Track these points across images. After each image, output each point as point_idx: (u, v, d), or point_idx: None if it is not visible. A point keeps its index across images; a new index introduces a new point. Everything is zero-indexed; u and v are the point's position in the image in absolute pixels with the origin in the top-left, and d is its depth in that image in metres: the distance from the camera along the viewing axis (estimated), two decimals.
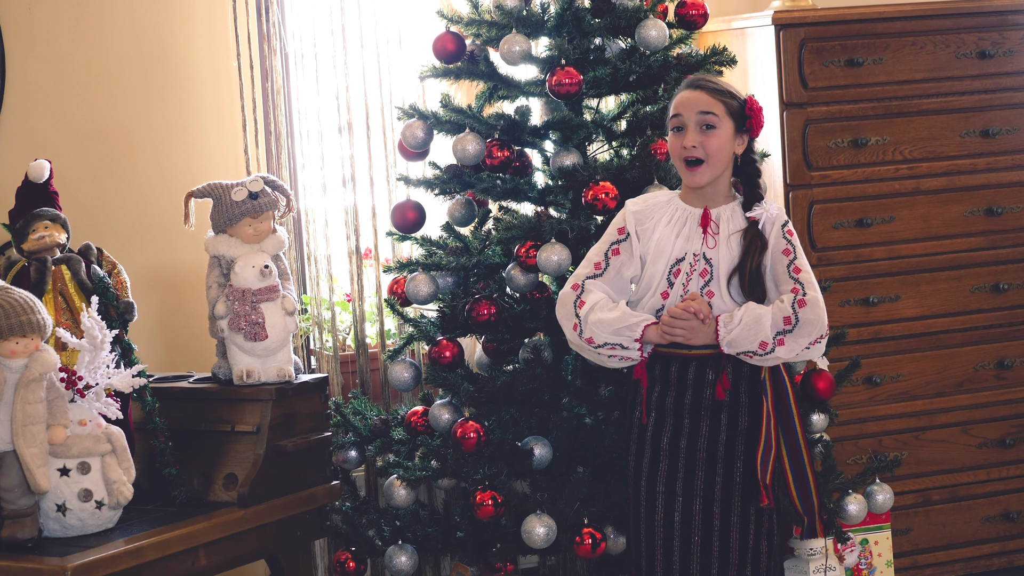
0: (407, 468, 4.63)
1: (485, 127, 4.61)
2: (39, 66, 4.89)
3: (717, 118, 4.07)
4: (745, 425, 4.10)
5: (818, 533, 4.24)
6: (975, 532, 5.48)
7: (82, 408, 4.02)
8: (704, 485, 4.09)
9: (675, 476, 4.10)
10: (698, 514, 4.10)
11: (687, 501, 4.10)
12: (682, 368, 4.11)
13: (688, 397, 4.10)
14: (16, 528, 3.92)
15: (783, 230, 4.11)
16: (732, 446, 4.11)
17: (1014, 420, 5.49)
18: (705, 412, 4.10)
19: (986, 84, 5.39)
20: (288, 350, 4.45)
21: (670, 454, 4.11)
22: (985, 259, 5.42)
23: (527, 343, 4.63)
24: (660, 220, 4.13)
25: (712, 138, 4.06)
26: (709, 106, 4.07)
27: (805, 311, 4.03)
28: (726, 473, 4.10)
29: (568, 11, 4.62)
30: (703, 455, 4.10)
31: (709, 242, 4.10)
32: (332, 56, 5.20)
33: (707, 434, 4.10)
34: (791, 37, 5.20)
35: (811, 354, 4.09)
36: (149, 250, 5.01)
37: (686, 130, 4.08)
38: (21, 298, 3.93)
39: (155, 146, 5.06)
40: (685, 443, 4.11)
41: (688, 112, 4.08)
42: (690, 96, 4.10)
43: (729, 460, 4.11)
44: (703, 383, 4.10)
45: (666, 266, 4.10)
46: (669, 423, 4.11)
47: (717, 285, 4.09)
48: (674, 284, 4.09)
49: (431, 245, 4.81)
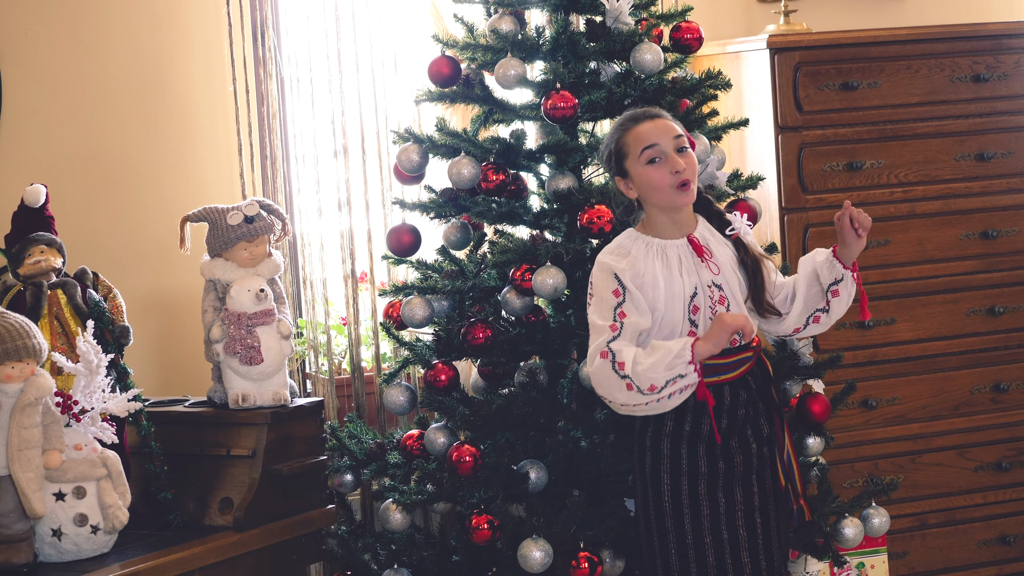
0: (403, 492, 4.63)
1: (480, 151, 4.61)
2: (35, 91, 4.90)
3: (685, 139, 4.10)
4: (768, 431, 4.14)
5: (806, 515, 4.24)
6: (972, 556, 5.47)
7: (78, 432, 4.01)
8: (743, 499, 4.11)
9: (716, 496, 4.09)
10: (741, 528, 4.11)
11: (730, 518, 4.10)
12: (719, 396, 4.09)
13: (724, 421, 4.09)
14: (11, 553, 3.91)
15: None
16: (761, 454, 4.13)
17: (1010, 443, 5.49)
18: (734, 430, 4.10)
19: (981, 108, 5.41)
20: (284, 374, 4.45)
21: (708, 477, 4.10)
22: (980, 282, 5.43)
23: (523, 366, 4.63)
24: (654, 265, 4.07)
25: (690, 158, 4.09)
26: (678, 131, 4.10)
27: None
28: (760, 482, 4.13)
29: (563, 35, 4.63)
30: (739, 471, 4.10)
31: (712, 268, 4.10)
32: (328, 80, 5.21)
33: (739, 450, 4.11)
34: (786, 61, 5.21)
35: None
36: (145, 274, 5.01)
37: (667, 158, 4.07)
38: (17, 323, 3.93)
39: (151, 170, 5.06)
40: (722, 464, 4.11)
41: (664, 139, 4.07)
42: (657, 125, 4.10)
43: (760, 469, 4.13)
44: (737, 403, 4.10)
45: (684, 308, 4.06)
46: (702, 448, 4.10)
47: (737, 307, 4.10)
48: (697, 322, 4.07)
49: (427, 268, 4.81)
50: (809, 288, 4.21)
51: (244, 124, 5.13)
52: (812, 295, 4.22)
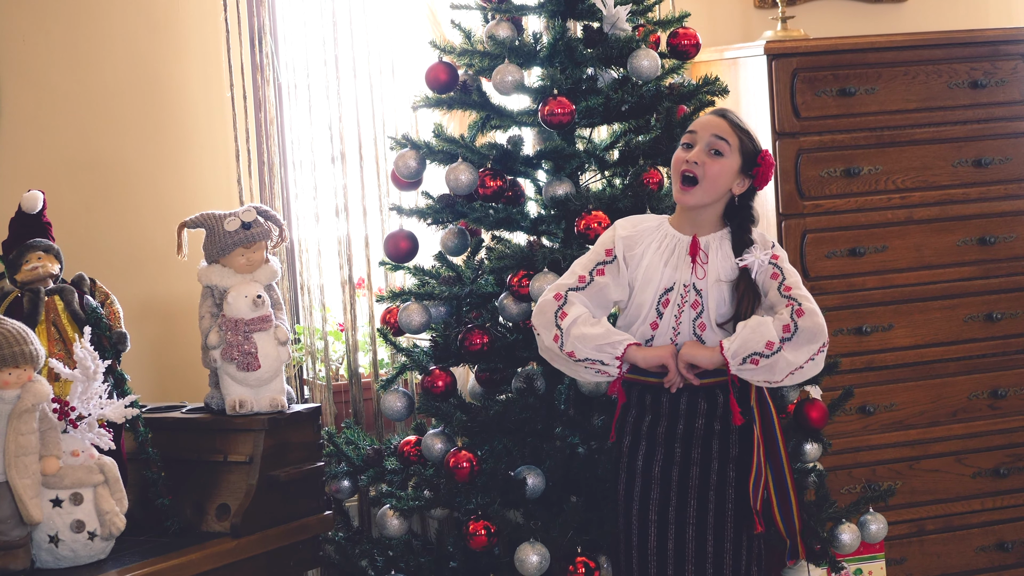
0: (400, 498, 4.63)
1: (478, 157, 4.62)
2: (33, 97, 4.90)
3: (728, 147, 4.08)
4: (736, 452, 4.11)
5: (800, 554, 4.24)
6: (969, 562, 5.47)
7: (75, 439, 4.01)
8: (697, 513, 4.10)
9: (667, 504, 4.10)
10: (691, 542, 4.10)
11: (680, 529, 4.10)
12: (674, 398, 4.11)
13: (680, 426, 4.10)
14: (8, 559, 3.91)
15: (769, 260, 4.11)
16: (724, 473, 4.11)
17: (1008, 450, 5.49)
18: (696, 441, 4.10)
19: (978, 114, 5.41)
20: (281, 380, 4.45)
21: (662, 482, 4.11)
22: (978, 288, 5.43)
23: (520, 372, 4.63)
24: (649, 246, 4.13)
25: (716, 163, 4.07)
26: (725, 133, 4.09)
27: (803, 319, 4.02)
28: (718, 501, 4.10)
29: (560, 41, 4.63)
30: (695, 483, 4.10)
31: (698, 272, 4.10)
32: (325, 86, 5.21)
33: (699, 462, 4.10)
34: (783, 67, 5.21)
35: (815, 367, 4.06)
36: (142, 280, 5.01)
37: (694, 148, 4.09)
38: (14, 329, 3.92)
39: (148, 176, 5.06)
40: (677, 472, 4.11)
41: (703, 132, 4.11)
42: (711, 119, 4.14)
43: (721, 488, 4.11)
44: (695, 412, 4.11)
45: (655, 295, 4.10)
46: (660, 452, 4.12)
47: (708, 318, 4.09)
48: (663, 315, 4.09)
49: (424, 275, 4.81)
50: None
51: (242, 130, 5.13)
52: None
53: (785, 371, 4.02)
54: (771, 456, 4.14)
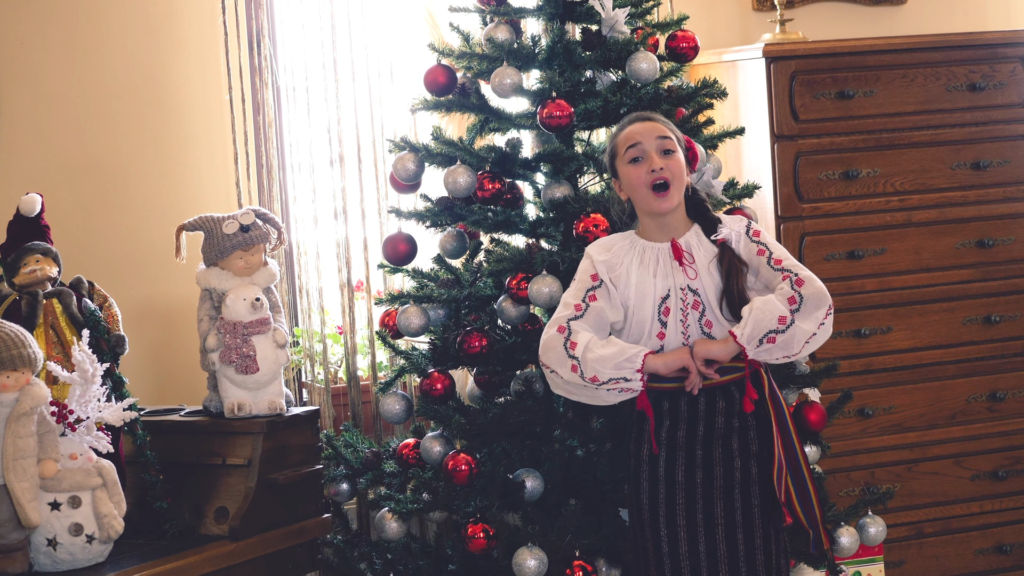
0: (398, 501, 4.62)
1: (476, 159, 4.62)
2: (31, 100, 4.90)
3: (674, 143, 4.11)
4: (756, 447, 4.11)
5: (824, 543, 4.22)
6: (968, 565, 5.47)
7: (73, 442, 4.01)
8: (724, 513, 4.09)
9: (694, 508, 4.09)
10: (722, 543, 4.09)
11: (709, 531, 4.08)
12: (693, 400, 4.09)
13: (700, 428, 4.09)
14: (6, 563, 3.90)
15: (750, 237, 4.13)
16: (747, 470, 4.10)
17: (1007, 452, 5.49)
18: (717, 440, 4.09)
19: (976, 117, 5.41)
20: (279, 383, 4.45)
21: (686, 487, 4.09)
22: (977, 291, 5.43)
23: (518, 375, 4.63)
24: (632, 264, 4.12)
25: (673, 161, 4.09)
26: (665, 132, 4.12)
27: (805, 288, 4.02)
28: (744, 498, 4.10)
29: (559, 44, 4.63)
30: (720, 483, 4.09)
31: (689, 273, 4.10)
32: (324, 89, 5.21)
33: (721, 461, 4.09)
34: (782, 70, 5.21)
35: (826, 332, 4.04)
36: (140, 283, 5.01)
37: (647, 157, 4.09)
38: (12, 332, 3.92)
39: (147, 179, 5.06)
40: (701, 474, 4.09)
41: (647, 140, 4.10)
42: (646, 126, 4.13)
43: (745, 485, 4.10)
44: (714, 411, 4.10)
45: (653, 307, 4.09)
46: (682, 456, 4.10)
47: (713, 314, 4.09)
48: (668, 323, 4.08)
49: (422, 277, 4.81)
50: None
51: (240, 133, 5.13)
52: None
53: (802, 341, 4.02)
54: (786, 448, 4.14)
